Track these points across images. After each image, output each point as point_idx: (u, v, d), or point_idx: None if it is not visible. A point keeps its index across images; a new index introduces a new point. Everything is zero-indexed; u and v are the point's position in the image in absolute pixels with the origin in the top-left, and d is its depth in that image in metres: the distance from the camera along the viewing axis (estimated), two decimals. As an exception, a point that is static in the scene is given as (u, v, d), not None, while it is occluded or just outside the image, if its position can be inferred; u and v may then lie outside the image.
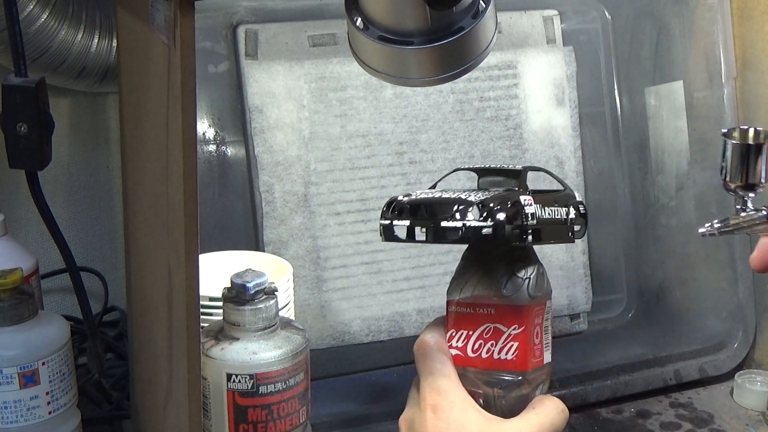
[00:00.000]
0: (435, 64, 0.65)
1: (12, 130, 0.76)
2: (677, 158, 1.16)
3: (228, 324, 0.74)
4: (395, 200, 0.69)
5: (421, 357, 0.67)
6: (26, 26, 0.95)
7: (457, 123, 1.10)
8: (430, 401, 0.64)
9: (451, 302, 0.69)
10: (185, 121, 0.55)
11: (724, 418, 1.03)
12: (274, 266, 0.89)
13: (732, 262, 1.12)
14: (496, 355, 0.67)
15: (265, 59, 1.03)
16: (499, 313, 0.67)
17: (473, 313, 0.67)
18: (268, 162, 1.03)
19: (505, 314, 0.67)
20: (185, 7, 0.53)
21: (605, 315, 1.23)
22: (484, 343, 0.67)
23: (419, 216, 0.66)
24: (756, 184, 0.83)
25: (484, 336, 0.67)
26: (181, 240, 0.58)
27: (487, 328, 0.67)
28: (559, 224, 0.70)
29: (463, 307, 0.68)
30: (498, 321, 0.67)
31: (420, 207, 0.67)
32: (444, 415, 0.63)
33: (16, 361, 0.76)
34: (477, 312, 0.67)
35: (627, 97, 1.22)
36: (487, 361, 0.67)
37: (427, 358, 0.67)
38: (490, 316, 0.67)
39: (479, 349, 0.67)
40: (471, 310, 0.67)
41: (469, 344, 0.67)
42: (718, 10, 1.08)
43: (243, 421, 0.73)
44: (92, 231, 1.22)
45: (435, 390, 0.65)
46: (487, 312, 0.67)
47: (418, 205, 0.67)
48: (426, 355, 0.67)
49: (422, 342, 0.68)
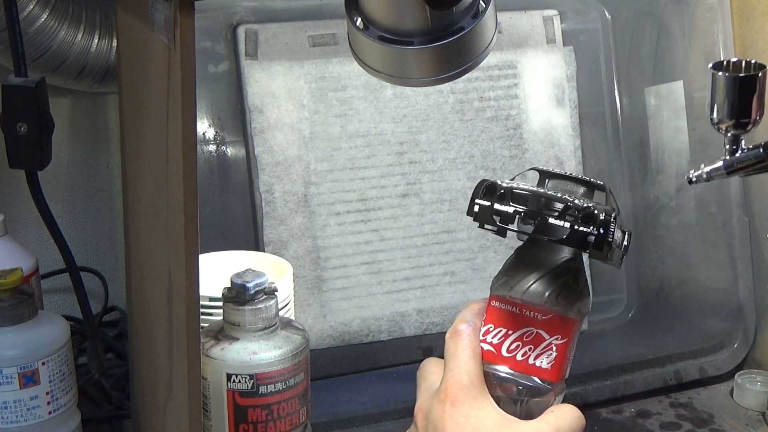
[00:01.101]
0: (435, 64, 0.65)
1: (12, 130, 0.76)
2: (677, 158, 1.16)
3: (228, 324, 0.74)
4: (496, 184, 0.66)
5: (452, 345, 0.66)
6: (26, 26, 0.95)
7: (457, 123, 1.10)
8: (451, 394, 0.64)
9: (496, 297, 0.66)
10: (185, 121, 0.55)
11: (724, 418, 1.03)
12: (274, 266, 0.89)
13: (732, 262, 1.12)
14: (531, 360, 0.66)
15: (265, 59, 1.03)
16: (546, 320, 0.65)
17: (518, 313, 0.65)
18: (268, 162, 1.03)
19: (551, 322, 0.65)
20: (185, 7, 0.53)
21: (605, 315, 1.22)
22: (522, 345, 0.66)
23: (528, 206, 0.65)
24: (749, 121, 0.79)
25: (524, 339, 0.66)
26: (181, 240, 0.58)
27: (529, 332, 0.65)
28: (619, 248, 0.69)
29: (509, 305, 0.66)
30: (543, 327, 0.65)
31: (527, 198, 0.65)
32: (463, 409, 0.63)
33: (16, 361, 0.76)
34: (523, 314, 0.65)
35: (627, 97, 1.22)
36: (521, 364, 0.66)
37: (458, 347, 0.66)
38: (535, 321, 0.65)
39: (515, 351, 0.66)
40: (517, 310, 0.66)
41: (506, 343, 0.66)
42: (718, 10, 1.08)
43: (243, 421, 0.73)
44: (92, 231, 1.22)
45: (457, 383, 0.64)
46: (534, 316, 0.65)
47: (525, 196, 0.65)
48: (457, 345, 0.66)
49: (456, 331, 0.66)
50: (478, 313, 0.68)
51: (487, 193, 0.65)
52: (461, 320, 0.67)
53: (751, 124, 0.79)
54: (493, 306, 0.67)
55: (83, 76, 1.04)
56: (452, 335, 0.67)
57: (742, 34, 1.08)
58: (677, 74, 1.14)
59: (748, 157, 0.80)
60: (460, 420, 0.63)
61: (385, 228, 1.07)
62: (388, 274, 1.08)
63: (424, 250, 1.09)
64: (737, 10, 1.08)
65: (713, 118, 0.79)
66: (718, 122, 0.79)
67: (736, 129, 0.79)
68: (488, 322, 0.67)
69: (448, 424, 0.63)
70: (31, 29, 0.96)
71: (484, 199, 0.65)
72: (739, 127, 0.78)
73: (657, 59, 1.17)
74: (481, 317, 0.68)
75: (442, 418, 0.63)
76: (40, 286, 1.01)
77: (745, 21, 1.08)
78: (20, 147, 0.77)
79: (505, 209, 0.64)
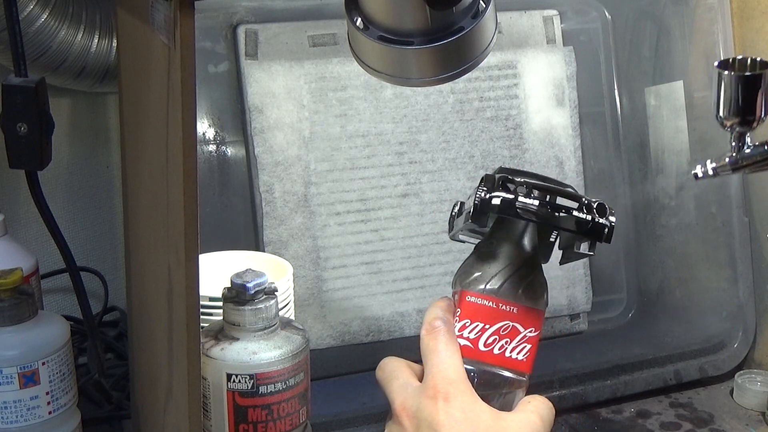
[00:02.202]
0: (435, 64, 0.65)
1: (12, 130, 0.76)
2: (677, 158, 1.16)
3: (228, 324, 0.74)
4: (512, 178, 0.67)
5: (432, 342, 0.66)
6: (26, 26, 0.95)
7: (457, 123, 1.10)
8: (441, 390, 0.63)
9: (472, 293, 0.67)
10: (185, 121, 0.55)
11: (724, 418, 1.03)
12: (274, 266, 0.89)
13: (732, 262, 1.12)
14: (508, 354, 0.67)
15: (265, 59, 1.03)
16: (521, 313, 0.67)
17: (495, 308, 0.66)
18: (268, 162, 1.03)
19: (526, 316, 0.67)
20: (185, 7, 0.53)
21: (605, 315, 1.23)
22: (499, 339, 0.67)
23: (549, 200, 0.66)
24: (754, 118, 0.80)
25: (500, 332, 0.66)
26: (181, 240, 0.58)
27: (506, 326, 0.67)
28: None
29: (486, 300, 0.67)
30: (518, 321, 0.67)
31: (549, 192, 0.66)
32: (457, 404, 0.63)
33: (16, 361, 0.76)
34: (500, 308, 0.67)
35: (627, 97, 1.22)
36: (498, 357, 0.67)
37: (439, 343, 0.66)
38: (512, 315, 0.67)
39: (492, 345, 0.67)
40: (494, 305, 0.67)
41: (483, 338, 0.67)
42: (718, 10, 1.08)
43: (243, 421, 0.73)
44: (92, 231, 1.22)
45: (446, 379, 0.64)
46: (510, 310, 0.67)
47: (546, 189, 0.66)
48: (437, 341, 0.66)
49: (433, 327, 0.66)
50: (447, 309, 0.68)
51: (509, 185, 0.66)
52: (435, 317, 0.67)
53: (757, 122, 0.79)
54: (469, 302, 0.67)
55: (83, 76, 1.04)
56: (429, 332, 0.67)
57: (742, 34, 1.08)
58: (677, 74, 1.14)
59: (754, 154, 0.81)
60: (456, 415, 0.63)
61: (385, 228, 1.07)
62: (388, 274, 1.08)
63: (424, 250, 1.09)
64: (737, 10, 1.08)
65: (719, 116, 0.80)
66: (724, 120, 0.80)
67: (741, 126, 0.79)
68: (464, 317, 0.67)
69: (443, 421, 0.62)
70: (31, 29, 0.96)
71: (506, 191, 0.66)
72: (744, 124, 0.79)
73: (657, 59, 1.17)
74: (452, 313, 0.68)
75: (435, 414, 0.63)
76: (40, 286, 1.01)
77: (745, 21, 1.08)
78: (20, 147, 0.77)
79: (529, 202, 0.65)
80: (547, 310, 0.70)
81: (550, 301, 0.71)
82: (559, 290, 1.15)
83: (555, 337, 1.17)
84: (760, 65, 0.79)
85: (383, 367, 0.69)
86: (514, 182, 0.66)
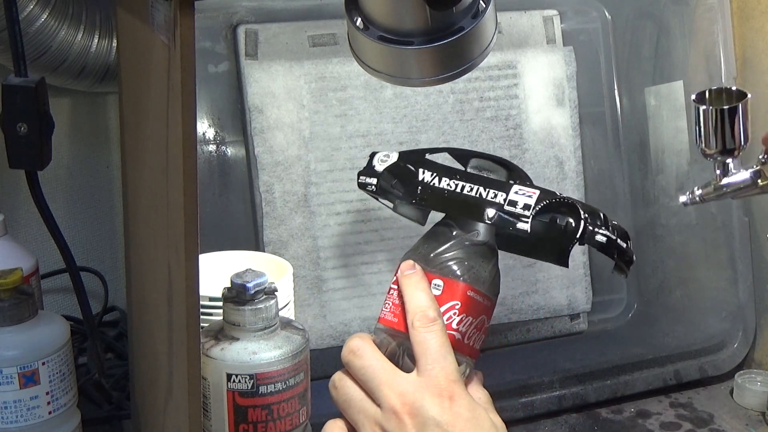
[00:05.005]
0: (435, 64, 0.65)
1: (12, 130, 0.76)
2: (677, 158, 1.16)
3: (228, 324, 0.74)
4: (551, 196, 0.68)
5: (430, 336, 0.65)
6: (26, 26, 0.95)
7: (457, 123, 1.10)
8: (446, 388, 0.63)
9: (471, 288, 0.67)
10: (185, 121, 0.55)
11: (724, 418, 1.03)
12: (274, 266, 0.89)
13: (732, 262, 1.12)
14: (477, 346, 0.69)
15: (265, 59, 1.03)
16: (490, 305, 0.69)
17: (481, 302, 0.68)
18: (268, 162, 1.03)
19: (492, 308, 0.70)
20: (185, 7, 0.53)
21: (605, 315, 1.23)
22: (476, 332, 0.68)
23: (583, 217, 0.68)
24: (735, 147, 0.82)
25: (478, 325, 0.68)
26: (181, 240, 0.58)
27: (482, 319, 0.69)
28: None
29: (477, 294, 0.68)
30: (488, 313, 0.69)
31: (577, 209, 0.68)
32: (463, 402, 0.63)
33: (16, 361, 0.76)
34: (483, 302, 0.68)
35: (627, 97, 1.22)
36: (474, 350, 0.69)
37: (439, 339, 0.64)
38: (487, 308, 0.69)
39: (472, 337, 0.68)
40: (482, 300, 0.68)
41: (469, 331, 0.68)
42: (718, 10, 1.08)
43: (243, 421, 0.73)
44: (92, 231, 1.22)
45: (449, 377, 0.63)
46: (488, 304, 0.69)
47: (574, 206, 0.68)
48: (437, 336, 0.64)
49: (430, 321, 0.65)
50: (430, 299, 0.67)
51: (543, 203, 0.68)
52: (429, 307, 0.66)
53: (738, 150, 0.82)
54: (469, 296, 0.67)
55: (83, 76, 1.04)
56: (425, 325, 0.65)
57: (742, 34, 1.08)
58: (677, 74, 1.14)
59: (737, 181, 0.84)
60: (465, 414, 0.63)
61: (385, 228, 1.07)
62: (388, 275, 1.08)
63: (424, 250, 1.09)
64: (737, 10, 1.08)
65: (701, 147, 0.83)
66: (705, 150, 0.83)
67: (722, 156, 0.82)
68: (462, 311, 0.68)
69: (452, 420, 0.62)
70: (31, 29, 0.96)
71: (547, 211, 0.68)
72: (726, 153, 0.83)
73: (657, 59, 1.17)
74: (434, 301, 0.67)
75: (443, 414, 0.62)
76: (40, 286, 1.01)
77: (745, 21, 1.08)
78: (20, 147, 0.77)
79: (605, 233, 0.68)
80: (547, 310, 0.70)
81: (551, 301, 0.72)
82: (559, 290, 1.15)
83: (555, 337, 1.17)
84: (737, 96, 0.81)
85: (356, 351, 0.66)
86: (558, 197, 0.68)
